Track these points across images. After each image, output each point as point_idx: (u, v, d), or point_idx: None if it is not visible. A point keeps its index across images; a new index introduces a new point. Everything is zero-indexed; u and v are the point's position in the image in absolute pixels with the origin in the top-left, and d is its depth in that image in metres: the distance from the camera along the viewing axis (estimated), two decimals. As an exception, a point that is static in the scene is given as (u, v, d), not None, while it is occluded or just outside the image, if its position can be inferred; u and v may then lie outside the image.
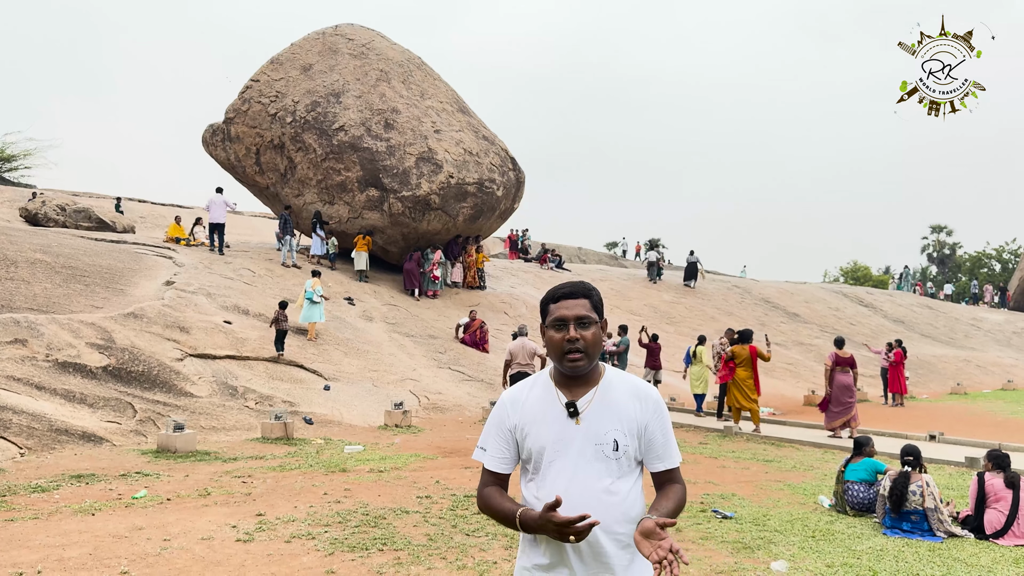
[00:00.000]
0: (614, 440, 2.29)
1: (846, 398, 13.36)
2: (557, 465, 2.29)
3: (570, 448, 2.29)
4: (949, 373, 26.75)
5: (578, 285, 2.38)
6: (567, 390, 2.35)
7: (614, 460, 2.29)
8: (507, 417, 2.40)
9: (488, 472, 2.42)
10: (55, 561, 5.49)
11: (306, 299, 16.28)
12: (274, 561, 5.65)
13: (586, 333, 2.31)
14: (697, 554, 6.08)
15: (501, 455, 2.40)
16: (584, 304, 2.34)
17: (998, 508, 6.83)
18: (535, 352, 12.75)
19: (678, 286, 30.30)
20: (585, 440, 2.29)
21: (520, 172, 23.42)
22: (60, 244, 17.31)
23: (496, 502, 2.33)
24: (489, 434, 2.43)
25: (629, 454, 2.32)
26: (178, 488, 8.13)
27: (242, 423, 12.14)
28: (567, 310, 2.33)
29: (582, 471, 2.27)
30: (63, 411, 10.70)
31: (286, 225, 20.61)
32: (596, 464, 2.27)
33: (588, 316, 2.33)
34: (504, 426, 2.40)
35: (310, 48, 22.59)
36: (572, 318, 2.31)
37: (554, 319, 2.34)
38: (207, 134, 22.65)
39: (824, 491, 8.66)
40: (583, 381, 2.36)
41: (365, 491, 8.19)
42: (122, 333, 13.18)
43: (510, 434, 2.39)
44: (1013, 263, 59.97)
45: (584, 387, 2.35)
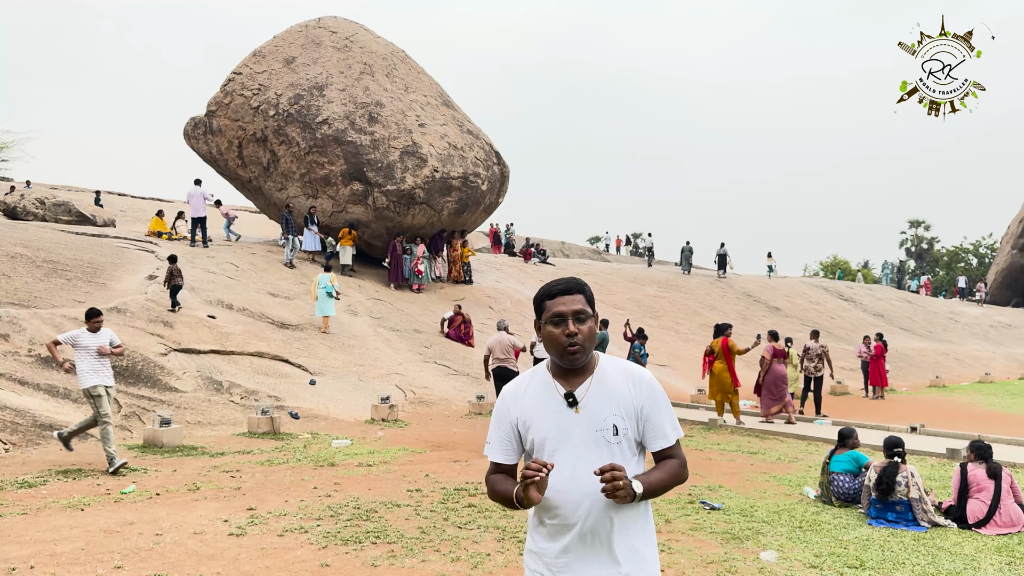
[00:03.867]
0: (613, 425, 2.37)
1: (781, 386, 14.44)
2: (560, 454, 2.36)
3: (571, 436, 2.37)
4: (928, 366, 27.09)
5: (572, 281, 2.45)
6: (564, 381, 2.43)
7: (615, 444, 2.37)
8: (508, 411, 2.48)
9: (495, 464, 2.52)
10: (47, 556, 5.47)
11: (324, 293, 16.52)
12: (268, 554, 5.65)
13: (583, 327, 2.38)
14: (687, 544, 6.15)
15: (504, 447, 2.49)
16: (580, 299, 2.40)
17: (980, 498, 6.96)
18: (513, 346, 12.77)
19: (662, 280, 30.46)
20: (586, 428, 2.37)
21: (504, 166, 23.43)
22: (40, 238, 17.12)
23: (500, 486, 2.44)
24: (493, 429, 2.53)
25: (629, 437, 2.40)
26: (167, 483, 8.10)
27: (228, 418, 12.09)
28: (564, 306, 2.39)
29: (584, 458, 2.35)
30: (47, 406, 10.61)
31: (288, 224, 20.41)
32: (598, 450, 2.35)
33: (584, 310, 2.39)
34: (506, 420, 2.48)
35: (293, 41, 22.45)
36: (570, 313, 2.38)
37: (552, 315, 2.40)
38: (189, 127, 22.45)
39: (809, 482, 8.78)
40: (579, 371, 2.43)
41: (355, 485, 8.20)
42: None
43: (512, 427, 2.47)
44: (989, 257, 60.78)
45: (580, 377, 2.42)
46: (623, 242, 50.78)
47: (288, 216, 20.42)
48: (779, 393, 14.43)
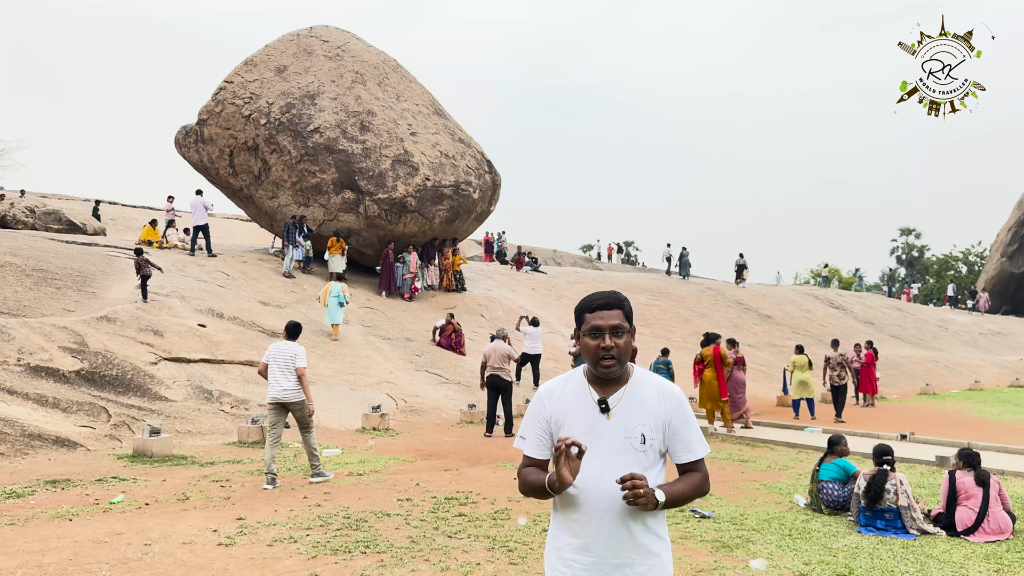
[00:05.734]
0: (641, 434, 2.50)
1: (740, 393, 14.85)
2: (588, 455, 2.47)
3: (601, 440, 2.50)
4: (918, 374, 27.20)
5: (612, 296, 2.57)
6: (599, 388, 2.56)
7: (641, 452, 2.50)
8: (543, 408, 2.61)
9: (527, 458, 2.65)
10: (35, 567, 5.43)
11: (336, 302, 17.00)
12: (257, 565, 5.63)
13: (619, 341, 2.51)
14: (677, 553, 6.16)
15: (539, 442, 2.61)
16: (618, 315, 2.53)
17: (969, 506, 6.99)
18: (509, 355, 12.98)
19: (653, 288, 30.51)
20: (615, 433, 2.50)
21: (496, 175, 23.47)
22: (30, 247, 17.04)
23: (532, 477, 2.55)
24: (527, 425, 2.65)
25: (655, 447, 2.53)
26: (156, 493, 8.06)
27: (218, 427, 12.04)
28: (603, 320, 2.52)
29: (611, 462, 2.47)
30: (36, 416, 10.56)
31: (288, 234, 20.37)
32: (624, 455, 2.48)
33: (621, 326, 2.52)
34: (541, 416, 2.61)
35: (285, 49, 22.46)
36: (607, 328, 2.51)
37: (590, 327, 2.53)
38: (180, 136, 22.43)
39: (799, 490, 8.80)
40: (614, 381, 2.57)
41: (345, 494, 8.18)
42: (95, 336, 13.02)
43: (546, 423, 2.60)
44: (979, 265, 61.13)
45: (614, 386, 2.56)
46: (614, 250, 50.82)
47: (290, 226, 20.38)
48: (737, 400, 14.82)
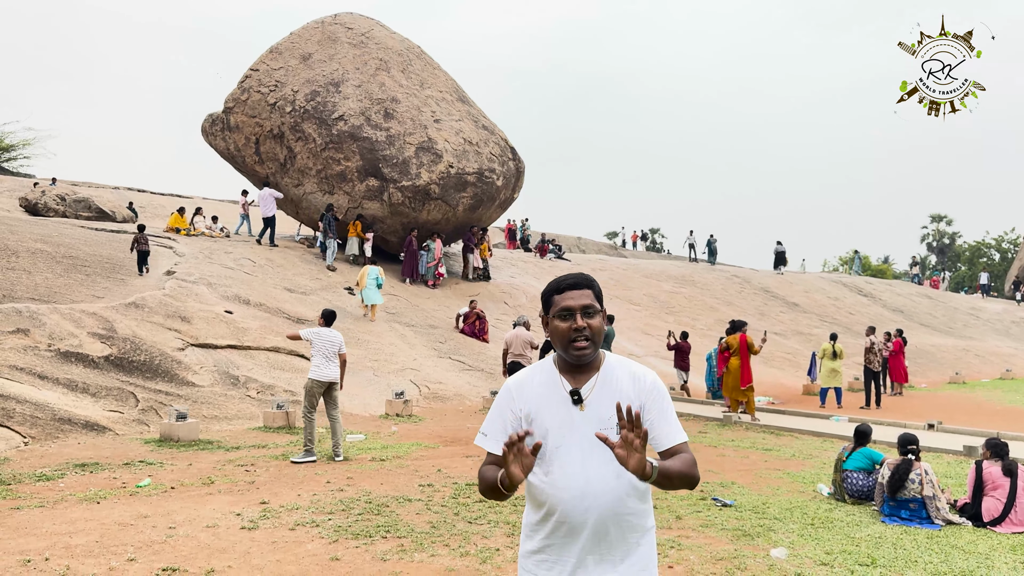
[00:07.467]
0: (617, 424, 2.30)
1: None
2: (564, 450, 2.33)
3: (575, 433, 2.34)
4: (948, 362, 26.82)
5: (580, 276, 2.42)
6: (570, 376, 2.40)
7: None
8: (512, 401, 2.44)
9: (490, 455, 2.47)
10: (62, 548, 5.54)
11: (375, 284, 17.63)
12: (279, 548, 5.70)
13: (592, 322, 2.36)
14: (698, 541, 6.14)
15: (503, 438, 2.40)
16: (588, 294, 2.38)
17: (996, 496, 6.89)
18: (530, 342, 12.97)
19: (678, 275, 30.33)
20: (589, 425, 2.33)
21: (520, 162, 23.41)
22: (60, 234, 17.32)
23: (489, 475, 2.38)
24: (492, 420, 2.48)
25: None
26: (182, 477, 8.18)
27: (244, 412, 12.18)
28: (573, 300, 2.37)
29: (590, 457, 2.32)
30: (66, 400, 10.75)
31: (329, 226, 20.51)
32: (602, 448, 2.30)
33: (592, 305, 2.37)
34: (508, 410, 2.44)
35: (309, 37, 22.52)
36: (578, 307, 2.36)
37: (560, 309, 2.38)
38: (206, 123, 22.61)
39: (823, 479, 8.72)
40: (585, 367, 2.41)
41: (367, 479, 8.25)
42: (123, 323, 13.21)
43: (515, 417, 2.43)
44: (1012, 252, 60.03)
45: (586, 374, 2.40)
46: (639, 237, 50.66)
47: (330, 218, 20.48)
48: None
